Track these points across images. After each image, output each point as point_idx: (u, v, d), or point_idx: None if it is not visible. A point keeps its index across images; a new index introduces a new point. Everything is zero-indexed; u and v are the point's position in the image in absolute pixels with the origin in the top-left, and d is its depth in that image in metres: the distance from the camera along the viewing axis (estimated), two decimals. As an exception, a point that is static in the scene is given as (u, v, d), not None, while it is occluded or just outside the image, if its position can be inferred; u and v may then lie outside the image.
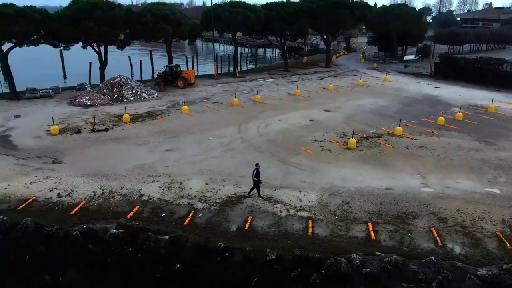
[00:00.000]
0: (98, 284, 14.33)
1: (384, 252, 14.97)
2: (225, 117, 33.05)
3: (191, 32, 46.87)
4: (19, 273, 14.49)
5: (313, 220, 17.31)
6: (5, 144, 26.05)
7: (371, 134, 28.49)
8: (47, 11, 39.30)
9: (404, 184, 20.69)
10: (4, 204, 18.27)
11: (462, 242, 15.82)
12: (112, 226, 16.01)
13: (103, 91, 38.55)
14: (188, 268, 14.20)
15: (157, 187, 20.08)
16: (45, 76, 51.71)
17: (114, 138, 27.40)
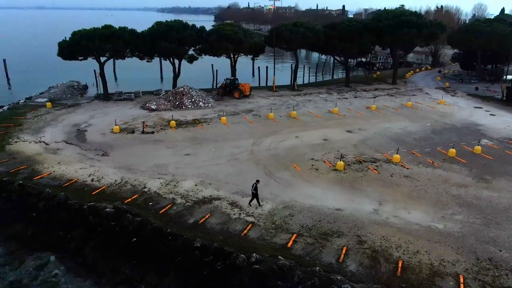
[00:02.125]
0: (89, 242, 21.04)
1: (287, 258, 18.70)
2: (253, 129, 38.08)
3: (251, 49, 52.75)
4: (47, 228, 22.05)
5: (254, 224, 21.62)
6: (79, 137, 35.30)
7: (369, 159, 30.71)
8: (135, 31, 49.10)
9: (356, 208, 23.38)
10: (57, 180, 26.52)
11: (360, 262, 18.59)
12: (110, 207, 22.65)
13: (168, 98, 46.87)
14: (141, 243, 20.02)
15: (159, 183, 26.37)
16: (146, 80, 62.88)
17: (154, 140, 34.71)
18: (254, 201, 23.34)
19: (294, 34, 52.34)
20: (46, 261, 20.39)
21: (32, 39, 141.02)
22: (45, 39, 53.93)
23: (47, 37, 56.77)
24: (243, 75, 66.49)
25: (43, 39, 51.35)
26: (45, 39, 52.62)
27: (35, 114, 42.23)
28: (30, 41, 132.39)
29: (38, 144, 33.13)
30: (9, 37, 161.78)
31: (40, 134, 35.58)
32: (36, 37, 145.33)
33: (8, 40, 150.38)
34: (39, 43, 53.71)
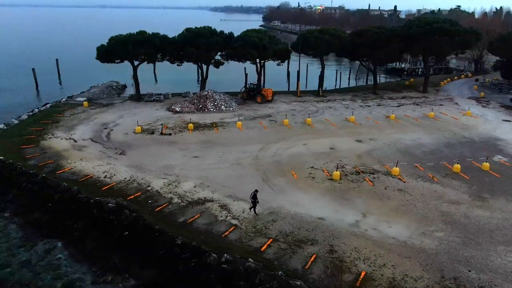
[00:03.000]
0: (90, 233, 23.80)
1: (257, 261, 20.19)
2: (264, 135, 39.57)
3: (276, 55, 54.17)
4: (58, 217, 25.17)
5: (236, 227, 23.27)
6: (104, 136, 38.79)
7: (368, 170, 31.17)
8: (167, 37, 52.28)
9: (339, 218, 24.27)
10: (75, 175, 29.80)
11: (325, 270, 19.66)
12: (112, 202, 25.34)
13: (193, 101, 49.59)
14: (131, 236, 22.40)
15: (162, 183, 28.78)
16: (185, 82, 66.27)
17: (169, 142, 37.34)
18: (257, 206, 24.58)
19: (320, 41, 53.05)
20: (54, 246, 23.38)
21: (86, 38, 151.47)
22: (99, 38, 58.75)
23: (101, 36, 61.71)
24: (277, 79, 68.35)
25: (96, 38, 56.21)
26: (98, 38, 57.43)
27: (72, 112, 46.66)
28: (84, 40, 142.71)
29: (67, 141, 36.96)
30: (66, 35, 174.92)
31: (72, 132, 39.54)
32: (90, 36, 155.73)
33: (65, 38, 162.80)
34: (92, 42, 58.78)
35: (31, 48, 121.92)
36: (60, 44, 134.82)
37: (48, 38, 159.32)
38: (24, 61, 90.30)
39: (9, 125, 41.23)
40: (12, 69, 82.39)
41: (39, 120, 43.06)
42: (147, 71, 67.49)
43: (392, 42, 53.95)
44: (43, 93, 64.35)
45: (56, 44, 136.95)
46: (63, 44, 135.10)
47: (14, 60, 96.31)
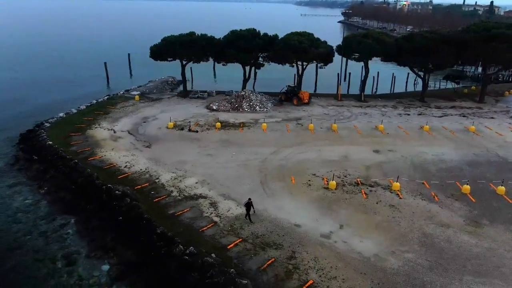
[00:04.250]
0: (96, 215, 27.69)
1: (218, 257, 22.15)
2: (284, 138, 40.79)
3: (317, 58, 54.44)
4: (77, 198, 29.62)
5: (215, 224, 25.40)
6: (140, 129, 43.23)
7: (369, 182, 31.02)
8: (213, 39, 55.55)
9: (314, 227, 25.10)
10: (102, 163, 34.27)
11: (276, 274, 20.95)
12: (120, 190, 29.04)
13: (230, 100, 52.32)
14: (124, 221, 25.77)
15: (170, 177, 31.89)
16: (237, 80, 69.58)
17: (193, 139, 40.44)
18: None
19: (362, 45, 52.18)
20: (68, 222, 27.74)
21: (162, 30, 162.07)
22: (174, 31, 62.76)
23: (177, 30, 65.49)
24: (327, 81, 67.60)
25: (171, 31, 60.50)
26: (173, 31, 61.40)
27: (123, 105, 52.32)
28: (160, 32, 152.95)
29: (108, 132, 42.05)
30: (141, 29, 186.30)
31: (115, 123, 44.72)
32: (166, 29, 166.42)
33: (138, 32, 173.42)
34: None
35: (105, 43, 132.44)
36: (133, 38, 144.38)
37: (121, 33, 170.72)
38: (98, 55, 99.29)
39: (68, 114, 47.84)
40: (86, 63, 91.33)
41: (93, 111, 49.23)
42: (207, 68, 70.64)
43: (442, 49, 50.89)
44: (112, 85, 71.75)
45: (128, 37, 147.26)
46: (136, 38, 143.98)
47: (88, 54, 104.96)
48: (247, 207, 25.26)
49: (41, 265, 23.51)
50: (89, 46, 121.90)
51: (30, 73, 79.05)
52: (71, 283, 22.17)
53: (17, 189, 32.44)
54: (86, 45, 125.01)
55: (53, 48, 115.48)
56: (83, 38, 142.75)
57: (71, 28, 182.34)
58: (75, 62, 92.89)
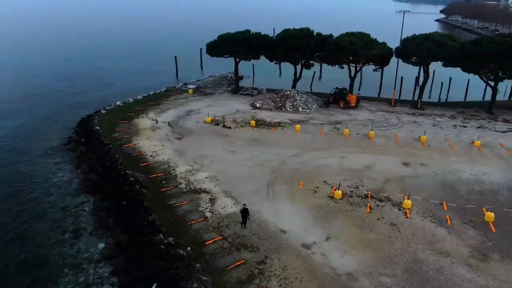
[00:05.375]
0: (110, 197, 30.42)
1: (193, 251, 23.04)
2: (312, 141, 39.93)
3: (369, 60, 51.68)
4: (101, 180, 32.83)
5: (205, 219, 26.28)
6: (180, 121, 45.78)
7: (380, 196, 29.13)
8: (266, 37, 56.09)
9: (300, 235, 24.56)
10: (132, 150, 37.30)
11: (239, 277, 21.16)
12: (134, 177, 31.48)
13: (275, 99, 52.52)
14: (126, 206, 27.98)
15: (185, 169, 33.56)
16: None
17: (224, 135, 41.65)
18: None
19: (421, 48, 48.26)
20: (88, 200, 30.98)
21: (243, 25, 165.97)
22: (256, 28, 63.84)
23: (259, 27, 65.66)
24: (391, 85, 63.81)
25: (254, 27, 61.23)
26: (256, 28, 61.97)
27: (175, 97, 55.76)
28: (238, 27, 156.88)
29: (151, 122, 45.38)
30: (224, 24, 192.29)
31: (161, 114, 48.00)
32: (246, 24, 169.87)
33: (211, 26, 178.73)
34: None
35: (181, 37, 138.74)
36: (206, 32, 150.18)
37: (200, 27, 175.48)
38: (172, 48, 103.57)
39: (125, 103, 52.55)
40: (159, 56, 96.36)
41: (147, 101, 53.34)
42: (273, 66, 70.99)
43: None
44: (180, 78, 76.16)
45: (201, 32, 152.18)
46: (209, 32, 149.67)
47: (164, 48, 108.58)
48: (242, 214, 25.03)
49: (52, 235, 26.77)
50: (164, 40, 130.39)
51: (110, 63, 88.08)
52: (69, 254, 24.92)
53: (60, 166, 37.00)
54: (160, 38, 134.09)
55: (132, 44, 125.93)
56: (159, 32, 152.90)
57: (146, 22, 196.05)
58: (149, 56, 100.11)
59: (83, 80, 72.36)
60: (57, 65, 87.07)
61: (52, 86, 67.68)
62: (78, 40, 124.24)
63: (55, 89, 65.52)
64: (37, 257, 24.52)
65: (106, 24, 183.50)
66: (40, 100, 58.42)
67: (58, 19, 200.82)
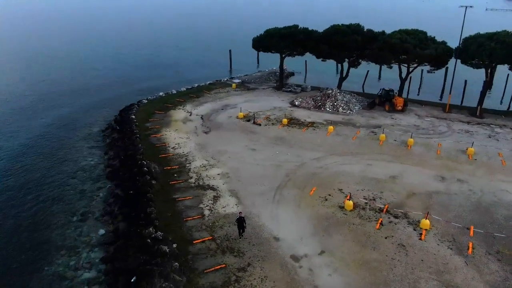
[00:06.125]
0: (123, 184, 31.13)
1: (178, 249, 22.58)
2: (342, 145, 37.31)
3: (422, 60, 46.88)
4: (121, 166, 33.79)
5: (202, 217, 25.68)
6: (212, 115, 45.66)
7: (397, 213, 26.17)
8: (312, 33, 53.71)
9: (293, 246, 22.91)
10: (158, 141, 37.94)
11: (213, 281, 20.25)
12: (148, 167, 31.91)
13: (316, 98, 50.23)
14: (133, 195, 28.37)
15: (200, 163, 33.26)
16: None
17: (251, 132, 40.63)
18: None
19: (482, 49, 42.72)
20: (105, 186, 32.11)
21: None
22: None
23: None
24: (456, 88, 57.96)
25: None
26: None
27: (217, 91, 55.94)
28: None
29: (185, 114, 45.93)
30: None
31: (197, 107, 48.40)
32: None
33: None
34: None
35: (242, 31, 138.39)
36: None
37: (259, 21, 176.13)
38: (229, 42, 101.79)
39: (167, 94, 53.92)
40: (218, 49, 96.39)
41: (189, 93, 54.19)
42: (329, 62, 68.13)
43: None
44: (234, 72, 76.61)
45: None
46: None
47: (223, 41, 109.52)
48: (238, 223, 23.14)
49: (62, 216, 28.12)
50: (226, 33, 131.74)
51: (170, 56, 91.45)
52: (71, 236, 25.95)
53: (92, 151, 38.95)
54: (222, 32, 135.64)
55: (194, 37, 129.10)
56: (222, 25, 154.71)
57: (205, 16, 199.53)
58: (207, 48, 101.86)
59: (140, 71, 75.97)
60: (123, 54, 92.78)
61: (112, 75, 72.19)
62: (144, 34, 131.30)
63: (114, 77, 69.80)
64: (41, 236, 25.86)
65: (170, 18, 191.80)
66: (97, 87, 62.48)
67: (128, 14, 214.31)
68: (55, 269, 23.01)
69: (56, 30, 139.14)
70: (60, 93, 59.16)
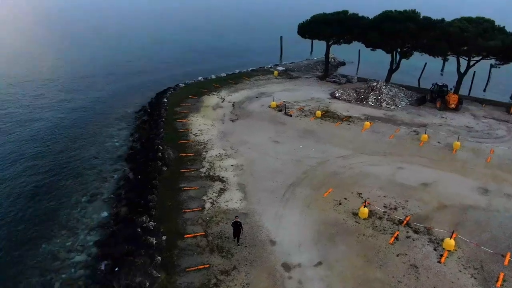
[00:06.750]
0: (139, 167, 30.72)
1: (168, 242, 21.49)
2: (375, 144, 33.76)
3: (487, 53, 40.81)
4: (141, 149, 33.54)
5: (202, 210, 24.29)
6: (244, 103, 43.90)
7: (418, 227, 22.70)
8: (360, 20, 49.39)
9: (289, 252, 20.74)
10: (183, 126, 37.18)
11: (191, 282, 18.84)
12: (162, 153, 31.20)
13: (359, 90, 46.36)
14: (140, 180, 27.79)
15: (217, 153, 31.87)
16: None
17: (280, 122, 38.31)
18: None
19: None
20: (121, 168, 32.01)
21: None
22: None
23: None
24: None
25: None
26: None
27: (257, 78, 54.09)
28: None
29: (218, 100, 44.76)
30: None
31: (232, 93, 47.00)
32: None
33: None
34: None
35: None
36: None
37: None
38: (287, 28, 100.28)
39: (206, 79, 53.16)
40: (266, 36, 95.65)
41: (227, 79, 52.96)
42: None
43: None
44: (285, 58, 74.12)
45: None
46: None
47: (279, 27, 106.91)
48: (234, 228, 20.98)
49: (74, 194, 28.34)
50: (276, 19, 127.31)
51: (223, 40, 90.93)
52: (75, 216, 25.94)
53: (120, 132, 39.29)
54: (279, 19, 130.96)
55: (251, 22, 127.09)
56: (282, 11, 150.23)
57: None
58: (263, 34, 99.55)
59: (191, 54, 76.37)
60: (181, 38, 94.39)
61: (164, 56, 73.42)
62: (201, 19, 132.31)
63: (166, 59, 70.97)
64: (47, 213, 26.21)
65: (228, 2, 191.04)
66: (142, 69, 63.65)
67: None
68: (51, 248, 23.06)
69: (113, 15, 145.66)
70: (107, 73, 61.16)
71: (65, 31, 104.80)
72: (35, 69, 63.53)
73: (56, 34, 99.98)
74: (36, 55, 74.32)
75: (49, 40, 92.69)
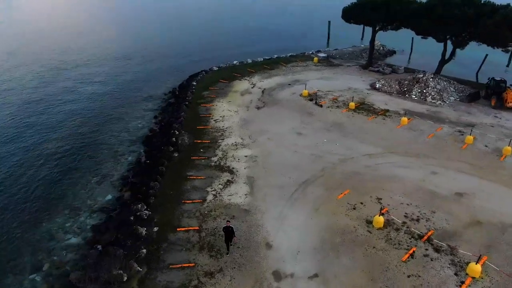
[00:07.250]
0: (151, 152, 29.91)
1: (158, 233, 20.36)
2: (410, 142, 30.16)
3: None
4: (157, 134, 32.73)
5: (203, 202, 22.91)
6: (275, 90, 41.53)
7: (441, 245, 19.57)
8: (410, 3, 44.41)
9: (283, 258, 18.84)
10: (206, 111, 35.85)
11: (173, 281, 17.52)
12: (177, 137, 30.09)
13: (402, 82, 42.10)
14: (148, 165, 26.88)
15: (233, 141, 30.18)
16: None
17: (308, 113, 35.61)
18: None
19: None
20: (137, 150, 31.42)
21: None
22: None
23: None
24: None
25: None
26: None
27: (294, 64, 51.30)
28: None
29: (249, 85, 42.84)
30: None
31: (265, 79, 44.79)
32: None
33: None
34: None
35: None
36: None
37: None
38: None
39: (241, 63, 51.29)
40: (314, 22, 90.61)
41: (263, 64, 50.73)
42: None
43: None
44: (332, 43, 70.11)
45: None
46: None
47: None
48: (225, 233, 18.77)
49: (86, 174, 28.16)
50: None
51: (268, 24, 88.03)
52: (81, 197, 25.67)
53: (146, 113, 38.84)
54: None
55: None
56: None
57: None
58: (314, 19, 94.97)
59: (231, 37, 74.75)
60: (220, 19, 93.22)
61: (201, 39, 72.54)
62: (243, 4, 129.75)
63: (201, 42, 70.05)
64: (55, 191, 26.22)
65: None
66: (181, 51, 63.12)
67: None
68: (50, 227, 22.93)
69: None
70: (145, 53, 61.38)
71: (110, 14, 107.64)
72: (85, 45, 65.71)
73: (104, 16, 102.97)
74: (86, 35, 76.76)
75: (97, 20, 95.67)
